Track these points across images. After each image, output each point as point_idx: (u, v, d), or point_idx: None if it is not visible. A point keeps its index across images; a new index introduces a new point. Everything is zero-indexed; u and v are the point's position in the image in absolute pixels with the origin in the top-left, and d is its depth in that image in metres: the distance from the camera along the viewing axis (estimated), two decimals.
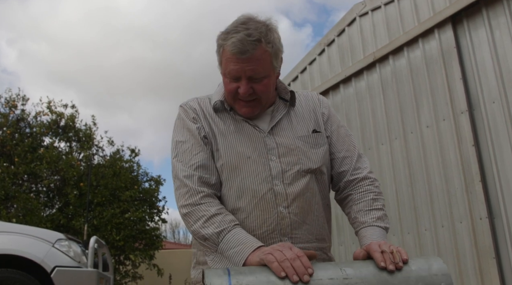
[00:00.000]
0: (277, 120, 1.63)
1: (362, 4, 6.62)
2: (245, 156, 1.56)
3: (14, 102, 12.64)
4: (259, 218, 1.52)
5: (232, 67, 1.50)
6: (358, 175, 1.65)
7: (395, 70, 6.01)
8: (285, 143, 1.60)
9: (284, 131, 1.63)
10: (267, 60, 1.51)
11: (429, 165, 5.42)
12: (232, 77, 1.52)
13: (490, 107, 4.94)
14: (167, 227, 36.37)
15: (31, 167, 11.41)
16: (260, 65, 1.49)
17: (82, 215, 10.96)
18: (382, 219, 1.56)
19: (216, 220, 1.41)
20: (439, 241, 5.20)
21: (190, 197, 1.47)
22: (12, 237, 4.75)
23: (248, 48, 1.46)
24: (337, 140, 1.70)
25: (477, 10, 5.14)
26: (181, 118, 1.66)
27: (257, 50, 1.47)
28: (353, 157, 1.69)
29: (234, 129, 1.61)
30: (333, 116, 1.74)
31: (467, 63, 5.23)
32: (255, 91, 1.53)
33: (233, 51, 1.47)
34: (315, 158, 1.61)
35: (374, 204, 1.58)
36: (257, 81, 1.52)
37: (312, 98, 1.76)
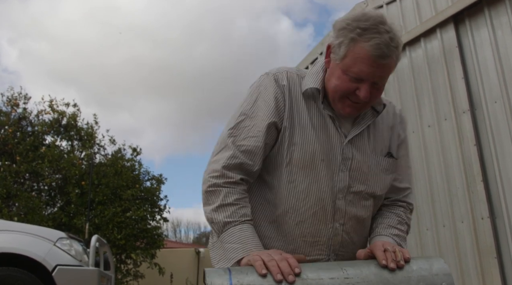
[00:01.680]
0: (361, 130, 1.53)
1: (364, 3, 6.61)
2: (319, 158, 1.46)
3: (16, 100, 12.65)
4: (314, 227, 1.47)
5: (363, 68, 1.38)
6: (398, 203, 1.64)
7: (396, 69, 5.98)
8: (360, 158, 1.51)
9: (363, 144, 1.53)
10: (393, 68, 1.45)
11: (431, 165, 5.42)
12: (356, 77, 1.40)
13: (492, 106, 4.93)
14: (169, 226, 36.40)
15: (32, 165, 11.43)
16: (388, 72, 1.44)
17: (84, 214, 10.97)
18: (399, 237, 1.53)
19: (230, 210, 1.37)
20: (440, 240, 5.19)
21: (219, 177, 1.41)
22: (14, 236, 4.75)
23: (389, 54, 1.38)
24: (400, 168, 1.64)
25: (479, 9, 5.13)
26: (260, 89, 1.50)
27: (393, 57, 1.41)
28: (406, 190, 1.67)
29: (317, 125, 1.49)
30: (406, 141, 1.66)
31: (469, 63, 5.22)
32: (372, 96, 1.44)
33: (374, 54, 1.35)
34: (382, 185, 1.57)
35: (398, 225, 1.57)
36: (377, 86, 1.43)
37: (393, 113, 1.65)
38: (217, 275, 1.17)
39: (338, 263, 1.26)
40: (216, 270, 1.21)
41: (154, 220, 12.66)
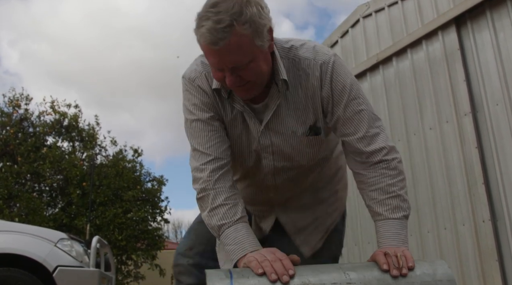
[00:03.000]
0: (271, 114, 1.49)
1: (365, 5, 6.61)
2: (241, 149, 1.58)
3: (18, 101, 12.67)
4: (252, 194, 1.70)
5: (210, 59, 1.35)
6: (371, 159, 1.47)
7: (398, 72, 6.00)
8: (279, 141, 1.53)
9: (281, 125, 1.51)
10: (246, 44, 1.31)
11: (432, 167, 5.41)
12: (214, 68, 1.38)
13: (494, 109, 4.92)
14: (170, 227, 36.38)
15: (34, 166, 11.44)
16: (238, 53, 1.31)
17: (85, 215, 10.97)
18: (398, 208, 1.43)
19: (221, 211, 1.42)
20: (442, 243, 5.18)
21: (203, 183, 1.47)
22: (14, 237, 4.75)
23: (220, 37, 1.27)
24: (344, 123, 1.49)
25: (481, 12, 5.13)
26: (187, 93, 1.55)
27: (232, 37, 1.27)
28: (362, 138, 1.47)
29: (236, 120, 1.53)
30: (337, 95, 1.48)
31: (471, 65, 5.22)
32: (243, 78, 1.36)
33: (205, 43, 1.30)
34: (309, 157, 1.59)
35: (389, 190, 1.44)
36: (242, 68, 1.34)
37: (312, 78, 1.48)
38: (218, 278, 1.17)
39: (340, 266, 1.25)
40: (217, 272, 1.20)
41: (155, 221, 12.67)
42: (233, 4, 1.28)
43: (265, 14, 1.35)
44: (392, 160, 1.47)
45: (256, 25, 1.31)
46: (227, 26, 1.27)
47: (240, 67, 1.34)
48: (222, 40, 1.27)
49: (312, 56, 1.48)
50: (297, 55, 1.49)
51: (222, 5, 1.28)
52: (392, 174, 1.45)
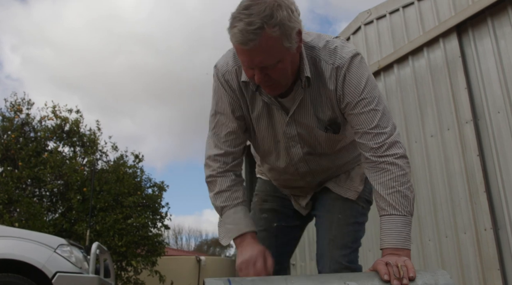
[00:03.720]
0: (295, 107, 1.59)
1: (367, 12, 6.62)
2: (270, 141, 1.69)
3: (19, 106, 12.67)
4: (290, 181, 1.81)
5: (241, 57, 1.44)
6: (373, 155, 1.52)
7: (399, 79, 6.00)
8: (304, 132, 1.64)
9: (306, 117, 1.62)
10: (275, 46, 1.39)
11: (433, 175, 5.40)
12: (245, 66, 1.47)
13: (495, 117, 4.91)
14: (170, 233, 36.31)
15: (34, 171, 11.41)
16: (268, 54, 1.39)
17: (85, 220, 10.94)
18: (399, 204, 1.45)
19: (224, 195, 1.66)
20: (443, 251, 5.16)
21: (211, 170, 1.69)
22: (14, 242, 4.73)
23: (250, 38, 1.35)
24: (352, 120, 1.57)
25: (482, 19, 5.13)
26: (217, 86, 1.67)
27: (261, 39, 1.36)
28: (365, 134, 1.53)
29: (262, 113, 1.64)
30: (349, 96, 1.55)
31: (472, 73, 5.21)
32: (270, 78, 1.46)
33: (237, 42, 1.39)
34: (329, 148, 1.71)
35: (390, 185, 1.47)
36: (271, 68, 1.43)
37: (328, 80, 1.57)
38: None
39: (341, 276, 1.24)
40: (215, 281, 1.20)
41: (155, 227, 12.62)
42: (265, 8, 1.35)
43: (295, 18, 1.42)
44: (391, 156, 1.50)
45: (285, 28, 1.38)
46: (258, 28, 1.34)
47: (268, 67, 1.42)
48: (252, 41, 1.35)
49: (330, 59, 1.55)
50: (318, 56, 1.56)
51: (254, 8, 1.35)
52: (392, 170, 1.49)
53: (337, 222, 1.75)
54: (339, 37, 1.63)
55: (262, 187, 1.98)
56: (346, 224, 1.74)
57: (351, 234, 1.73)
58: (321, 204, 1.84)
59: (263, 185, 1.98)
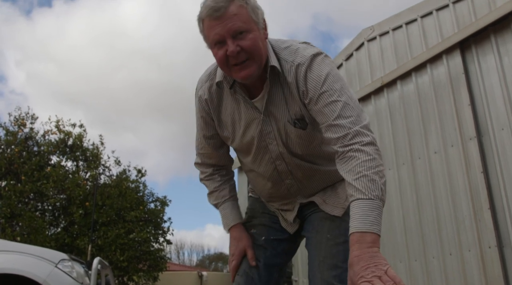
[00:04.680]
0: (265, 100, 1.66)
1: (370, 29, 6.65)
2: (249, 142, 1.76)
3: (23, 120, 12.72)
4: (273, 188, 1.86)
5: (214, 31, 1.52)
6: (339, 146, 1.50)
7: (403, 95, 6.00)
8: (276, 128, 1.70)
9: (276, 111, 1.67)
10: (245, 14, 1.52)
11: (437, 192, 5.37)
12: (217, 41, 1.53)
13: (499, 134, 4.90)
14: (172, 248, 36.18)
15: (37, 185, 11.42)
16: (238, 19, 1.50)
17: (87, 235, 10.92)
18: (366, 188, 1.39)
19: (214, 195, 1.95)
20: (447, 269, 5.11)
21: (201, 174, 1.99)
22: (15, 257, 4.72)
23: (221, 5, 1.49)
24: (316, 115, 1.58)
25: (485, 36, 5.15)
26: (195, 104, 1.84)
27: (231, 6, 1.49)
28: (330, 126, 1.52)
29: (238, 114, 1.73)
30: (311, 91, 1.57)
31: (476, 89, 5.21)
32: (243, 49, 1.52)
33: (209, 13, 1.51)
34: (300, 148, 1.74)
35: (356, 170, 1.43)
36: (242, 37, 1.51)
37: (290, 78, 1.61)
38: None
39: None
40: None
41: (157, 242, 12.57)
42: None
43: (260, 8, 1.59)
44: (357, 144, 1.47)
45: (252, 5, 1.55)
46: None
47: (239, 35, 1.51)
48: (224, 7, 1.48)
49: (291, 58, 1.62)
50: (279, 56, 1.64)
51: None
52: (358, 156, 1.45)
53: (326, 243, 1.72)
54: (308, 43, 1.68)
55: (252, 205, 2.07)
56: (335, 244, 1.70)
57: (341, 254, 1.67)
58: (310, 224, 1.85)
59: (253, 203, 2.07)
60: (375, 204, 1.37)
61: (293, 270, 7.71)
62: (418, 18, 5.92)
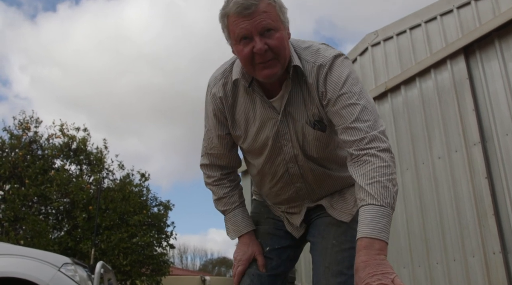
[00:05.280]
0: (285, 101, 1.63)
1: (374, 34, 6.65)
2: (263, 142, 1.72)
3: (28, 124, 12.76)
4: (281, 190, 1.82)
5: (241, 26, 1.48)
6: (354, 149, 1.49)
7: (407, 100, 5.99)
8: (293, 129, 1.67)
9: (299, 112, 1.64)
10: (274, 12, 1.49)
11: (441, 197, 5.35)
12: (243, 37, 1.50)
13: (504, 139, 4.88)
14: (175, 252, 36.12)
15: (41, 189, 11.44)
16: (268, 17, 1.47)
17: (90, 239, 10.92)
18: (379, 194, 1.38)
19: (223, 201, 1.85)
20: (451, 275, 5.08)
21: (207, 178, 1.88)
22: (18, 260, 4.72)
23: (252, 2, 1.45)
24: (333, 116, 1.57)
25: (489, 42, 5.14)
26: (206, 107, 1.78)
27: (261, 3, 1.47)
28: (346, 129, 1.51)
29: (253, 114, 1.69)
30: (330, 92, 1.56)
31: (480, 95, 5.20)
32: (270, 47, 1.49)
33: (238, 10, 1.47)
34: (316, 150, 1.70)
35: (370, 175, 1.42)
36: (269, 35, 1.49)
37: (311, 79, 1.60)
38: None
39: None
40: None
41: (160, 246, 12.56)
42: None
43: (286, 8, 1.57)
44: (373, 148, 1.46)
45: (280, 4, 1.53)
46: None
47: (267, 33, 1.48)
48: (254, 5, 1.45)
49: (313, 59, 1.61)
50: (300, 55, 1.62)
51: None
52: (373, 161, 1.44)
53: (331, 249, 1.69)
54: (327, 45, 1.66)
55: (256, 209, 2.01)
56: (341, 250, 1.68)
57: (346, 260, 1.64)
58: (316, 229, 1.81)
59: (257, 207, 2.01)
60: (386, 211, 1.37)
61: (296, 275, 7.69)
62: (422, 23, 5.92)
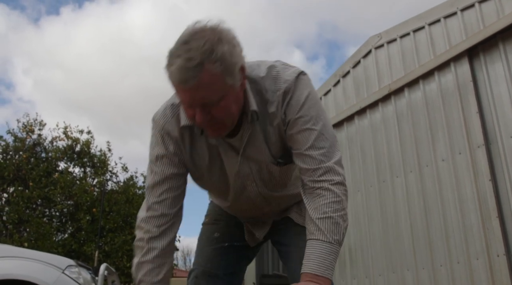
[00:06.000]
0: (244, 144, 1.51)
1: (377, 36, 6.65)
2: (224, 183, 1.61)
3: (31, 127, 12.80)
4: (246, 212, 1.76)
5: (181, 96, 1.34)
6: (307, 179, 1.47)
7: (410, 103, 5.98)
8: (256, 169, 1.58)
9: (255, 153, 1.53)
10: (217, 83, 1.29)
11: (445, 199, 5.34)
12: (185, 105, 1.37)
13: (508, 141, 4.87)
14: (179, 254, 36.12)
15: (45, 191, 11.49)
16: (209, 91, 1.29)
17: (94, 241, 10.94)
18: (329, 231, 1.38)
19: (146, 267, 1.51)
20: (455, 277, 5.07)
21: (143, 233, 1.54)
22: (22, 263, 4.73)
23: (190, 76, 1.26)
24: (289, 140, 1.50)
25: (493, 44, 5.13)
26: (156, 143, 1.56)
27: (202, 76, 1.26)
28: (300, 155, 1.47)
29: (210, 158, 1.56)
30: (290, 116, 1.48)
31: (484, 97, 5.19)
32: (213, 117, 1.35)
33: (176, 80, 1.30)
34: (284, 182, 1.67)
35: (322, 210, 1.40)
36: (213, 106, 1.33)
37: (274, 107, 1.48)
38: None
39: None
40: None
41: None
42: (204, 42, 1.26)
43: (237, 53, 1.34)
44: (326, 182, 1.44)
45: (227, 64, 1.29)
46: (198, 64, 1.25)
47: (210, 105, 1.32)
48: (193, 79, 1.26)
49: (275, 86, 1.48)
50: (263, 86, 1.48)
51: (193, 43, 1.27)
52: (326, 195, 1.42)
53: None
54: (279, 60, 1.56)
55: (214, 208, 1.91)
56: None
57: None
58: (286, 238, 1.77)
59: (216, 206, 1.91)
60: (334, 249, 1.38)
61: None
62: (426, 25, 5.91)
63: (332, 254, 1.37)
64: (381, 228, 6.02)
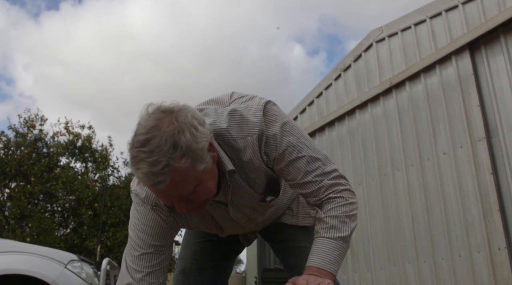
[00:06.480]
0: (229, 198, 1.50)
1: (378, 30, 6.64)
2: (217, 228, 1.65)
3: (33, 122, 12.81)
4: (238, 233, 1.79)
5: (156, 194, 1.30)
6: (312, 200, 1.47)
7: (411, 96, 5.98)
8: (248, 211, 1.59)
9: (243, 200, 1.52)
10: (189, 175, 1.23)
11: (446, 193, 5.34)
12: (161, 199, 1.34)
13: (509, 135, 4.87)
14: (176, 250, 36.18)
15: (47, 186, 11.51)
16: (183, 184, 1.24)
17: (96, 236, 10.97)
18: (335, 228, 1.39)
19: None
20: (456, 271, 5.08)
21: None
22: (25, 257, 4.75)
23: (160, 180, 1.19)
24: (281, 173, 1.49)
25: (495, 37, 5.12)
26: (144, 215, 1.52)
27: (172, 175, 1.20)
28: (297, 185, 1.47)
29: (200, 217, 1.58)
30: (272, 154, 1.43)
31: (485, 90, 5.18)
32: (192, 201, 1.32)
33: (146, 185, 1.24)
34: (276, 208, 1.69)
35: (332, 211, 1.42)
36: (190, 193, 1.28)
37: (250, 153, 1.42)
38: None
39: None
40: None
41: None
42: (165, 139, 1.19)
43: (201, 134, 1.25)
44: (332, 192, 1.44)
45: (194, 153, 1.22)
46: (164, 166, 1.18)
47: (187, 194, 1.28)
48: (163, 182, 1.20)
49: (245, 132, 1.40)
50: (231, 138, 1.41)
51: (153, 142, 1.19)
52: (335, 200, 1.44)
53: (305, 251, 1.63)
54: (233, 96, 1.49)
55: None
56: None
57: None
58: (281, 236, 1.79)
59: None
60: (339, 245, 1.38)
61: None
62: (427, 19, 5.90)
63: (337, 250, 1.37)
64: (382, 222, 6.03)
